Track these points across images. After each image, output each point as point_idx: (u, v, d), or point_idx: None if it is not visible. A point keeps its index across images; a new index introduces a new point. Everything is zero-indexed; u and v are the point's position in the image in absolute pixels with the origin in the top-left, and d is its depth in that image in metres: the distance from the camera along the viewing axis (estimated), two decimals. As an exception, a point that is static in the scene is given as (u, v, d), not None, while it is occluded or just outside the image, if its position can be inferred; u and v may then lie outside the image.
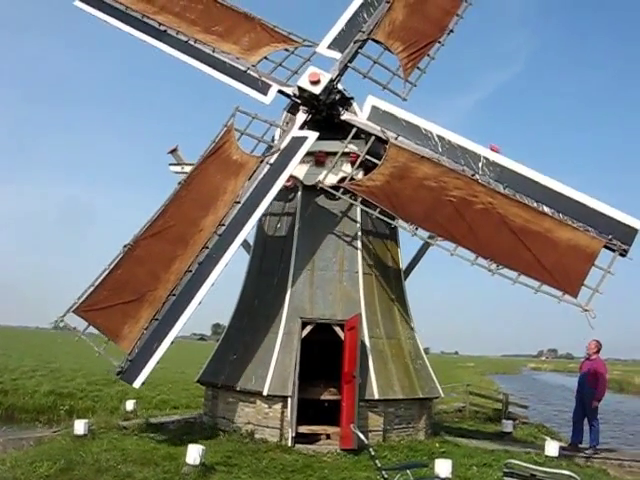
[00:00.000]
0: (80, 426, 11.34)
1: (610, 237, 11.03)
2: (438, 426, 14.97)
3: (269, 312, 12.69)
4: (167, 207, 11.91)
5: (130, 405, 15.21)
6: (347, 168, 12.75)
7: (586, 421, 13.54)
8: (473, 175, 11.73)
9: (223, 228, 11.55)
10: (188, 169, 14.14)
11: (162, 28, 13.80)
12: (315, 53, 13.09)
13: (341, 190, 12.39)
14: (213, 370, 13.23)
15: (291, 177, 12.42)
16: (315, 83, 12.17)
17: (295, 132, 12.29)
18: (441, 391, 13.52)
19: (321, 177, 12.68)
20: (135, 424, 12.69)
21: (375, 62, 12.68)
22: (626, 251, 11.03)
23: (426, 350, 17.07)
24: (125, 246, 11.66)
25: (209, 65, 13.36)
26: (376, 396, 11.82)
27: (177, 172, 14.24)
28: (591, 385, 13.28)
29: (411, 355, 13.10)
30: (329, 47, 12.89)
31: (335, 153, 12.65)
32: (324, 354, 12.74)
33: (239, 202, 11.70)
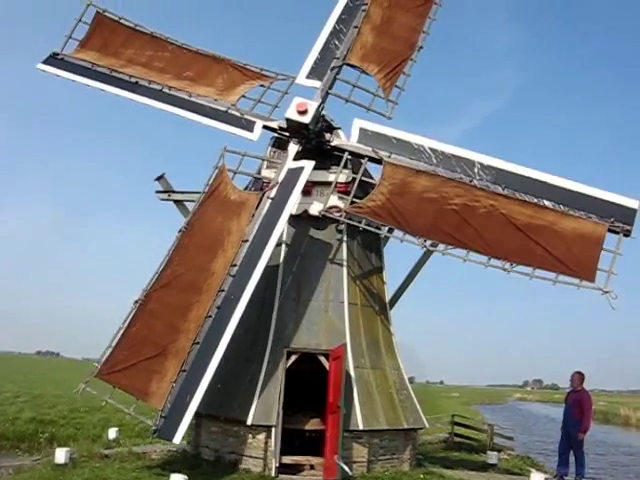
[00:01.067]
0: (61, 454, 11.17)
1: (612, 220, 11.44)
2: (423, 457, 14.92)
3: (254, 341, 12.61)
4: (172, 256, 11.76)
5: (112, 433, 15.03)
6: (333, 197, 12.80)
7: (572, 452, 13.38)
8: (471, 181, 12.02)
9: (235, 268, 11.44)
10: (175, 196, 14.21)
11: (133, 80, 13.78)
12: (292, 84, 13.33)
13: (342, 215, 12.42)
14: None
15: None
16: (303, 113, 12.27)
17: (290, 164, 12.36)
18: (426, 422, 13.41)
19: (312, 207, 12.79)
20: (117, 453, 12.53)
21: (354, 86, 12.93)
22: (629, 231, 11.45)
23: (411, 379, 17.02)
24: (136, 302, 11.45)
25: (189, 110, 13.45)
26: (360, 427, 11.77)
27: (164, 199, 14.38)
28: (577, 417, 13.22)
29: (396, 385, 13.10)
30: (308, 77, 13.09)
31: (322, 182, 12.76)
32: (309, 384, 12.65)
33: (247, 240, 11.65)
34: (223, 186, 12.36)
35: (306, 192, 12.87)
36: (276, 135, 13.42)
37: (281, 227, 11.79)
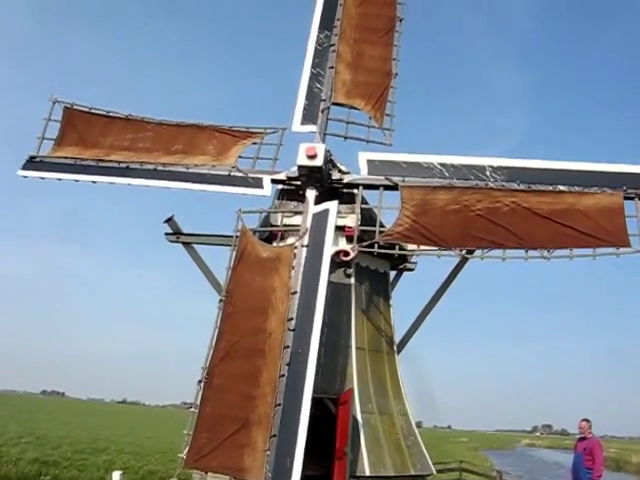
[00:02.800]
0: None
1: (624, 188, 12.17)
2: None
3: None
4: (221, 327, 11.51)
5: (117, 476, 14.69)
6: (342, 241, 13.04)
7: None
8: (487, 184, 12.53)
9: (293, 322, 11.30)
10: (184, 238, 14.29)
11: (123, 165, 13.57)
12: (283, 135, 13.56)
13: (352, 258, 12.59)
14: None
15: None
16: (313, 157, 12.47)
17: (313, 209, 12.48)
18: (433, 468, 13.35)
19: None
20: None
21: (347, 122, 13.35)
22: None
23: (418, 424, 16.71)
24: (200, 381, 11.15)
25: (190, 182, 13.36)
26: (367, 472, 11.71)
27: (173, 241, 14.31)
28: (588, 465, 13.03)
29: (403, 431, 13.14)
30: (302, 123, 13.40)
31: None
32: (315, 429, 12.53)
33: (295, 292, 11.55)
34: (250, 246, 12.27)
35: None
36: (283, 187, 13.54)
37: (326, 272, 11.76)
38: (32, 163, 13.84)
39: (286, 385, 10.88)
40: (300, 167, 12.64)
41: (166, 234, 14.46)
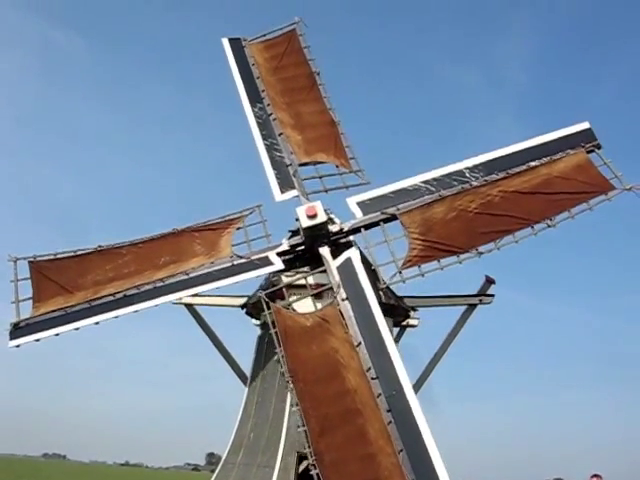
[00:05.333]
0: None
1: (582, 145, 13.64)
2: None
3: (265, 447, 12.39)
4: (303, 407, 11.08)
5: None
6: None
7: None
8: (471, 184, 13.35)
9: (372, 370, 11.23)
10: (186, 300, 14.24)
11: (119, 296, 12.78)
12: (261, 211, 13.54)
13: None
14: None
15: None
16: (314, 216, 12.67)
17: (335, 263, 12.59)
18: None
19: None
20: None
21: (320, 177, 13.81)
22: (598, 144, 13.72)
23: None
24: (309, 466, 10.66)
25: (197, 285, 12.91)
26: None
27: (175, 303, 14.10)
28: None
29: None
30: (282, 192, 13.59)
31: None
32: None
33: (360, 342, 11.52)
34: (290, 321, 12.06)
35: (317, 296, 12.73)
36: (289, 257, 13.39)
37: (379, 312, 11.96)
38: (19, 330, 12.49)
39: (398, 430, 10.77)
40: (306, 229, 12.75)
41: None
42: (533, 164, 13.54)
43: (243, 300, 15.11)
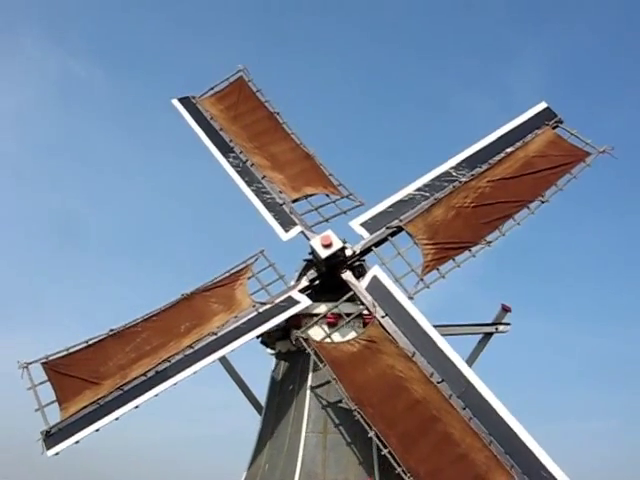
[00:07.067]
0: None
1: (546, 123, 14.50)
2: None
3: (280, 478, 12.17)
4: (379, 429, 10.95)
5: None
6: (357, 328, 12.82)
7: None
8: (460, 181, 13.83)
9: (436, 375, 11.41)
10: None
11: (151, 374, 12.15)
12: (266, 255, 13.55)
13: None
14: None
15: None
16: (329, 245, 12.74)
17: (363, 285, 12.71)
18: None
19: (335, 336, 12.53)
20: None
21: (316, 209, 13.91)
22: (560, 119, 14.58)
23: None
24: None
25: (230, 342, 12.45)
26: None
27: None
28: None
29: None
30: (286, 231, 13.53)
31: (348, 314, 12.63)
32: None
33: (414, 352, 11.70)
34: (336, 352, 12.01)
35: (331, 324, 12.76)
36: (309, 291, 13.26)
37: (422, 317, 12.10)
38: (52, 437, 11.50)
39: (481, 423, 10.86)
40: (328, 258, 12.73)
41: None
42: (509, 150, 14.24)
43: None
